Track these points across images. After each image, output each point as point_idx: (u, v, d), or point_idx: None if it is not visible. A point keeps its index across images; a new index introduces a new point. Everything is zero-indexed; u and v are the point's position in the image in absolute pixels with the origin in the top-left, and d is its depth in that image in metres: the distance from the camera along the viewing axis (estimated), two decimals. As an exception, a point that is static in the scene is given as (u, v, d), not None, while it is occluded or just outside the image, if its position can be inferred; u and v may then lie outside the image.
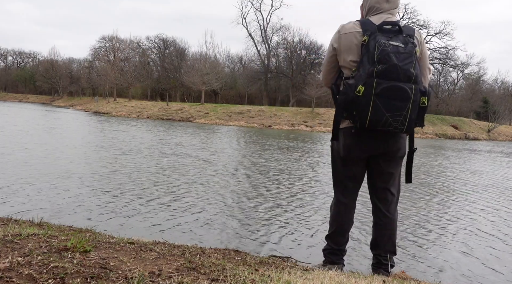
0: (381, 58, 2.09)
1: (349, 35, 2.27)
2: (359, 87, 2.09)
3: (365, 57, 2.15)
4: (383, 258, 2.45)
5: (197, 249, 2.38)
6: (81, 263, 1.55)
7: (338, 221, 2.52)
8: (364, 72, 2.12)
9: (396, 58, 2.08)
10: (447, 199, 6.42)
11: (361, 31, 2.24)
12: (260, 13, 53.61)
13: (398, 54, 2.09)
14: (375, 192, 2.49)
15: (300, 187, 6.56)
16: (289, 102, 45.90)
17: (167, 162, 8.40)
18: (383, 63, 2.08)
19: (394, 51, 2.10)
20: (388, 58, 2.08)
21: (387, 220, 2.45)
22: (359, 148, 2.34)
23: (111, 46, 51.62)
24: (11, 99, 60.06)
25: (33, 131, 13.46)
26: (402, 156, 2.41)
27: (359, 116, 2.14)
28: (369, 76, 2.09)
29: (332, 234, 2.55)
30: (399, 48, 2.11)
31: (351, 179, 2.47)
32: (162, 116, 32.07)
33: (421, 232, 4.36)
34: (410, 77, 2.10)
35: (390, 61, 2.08)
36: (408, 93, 2.09)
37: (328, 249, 2.57)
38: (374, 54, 2.10)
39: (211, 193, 5.72)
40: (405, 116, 2.11)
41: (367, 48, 2.15)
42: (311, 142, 17.44)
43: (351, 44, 2.26)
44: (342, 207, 2.51)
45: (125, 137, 13.60)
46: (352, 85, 2.15)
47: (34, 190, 5.15)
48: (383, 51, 2.09)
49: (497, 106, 39.20)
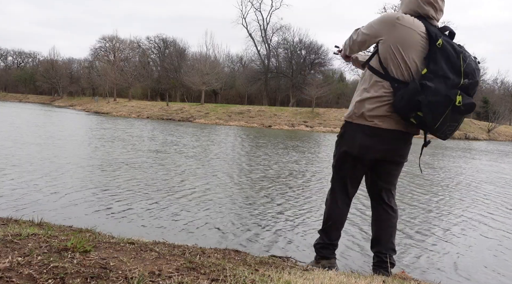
0: (468, 73, 2.06)
1: (410, 31, 2.14)
2: (458, 98, 2.02)
3: (443, 64, 2.07)
4: (384, 255, 2.43)
5: (197, 249, 2.38)
6: (81, 263, 1.55)
7: (333, 216, 2.51)
8: (446, 81, 2.06)
9: (478, 75, 2.11)
10: (447, 199, 6.42)
11: (425, 32, 2.15)
12: (260, 13, 53.82)
13: (478, 71, 2.12)
14: (378, 191, 2.49)
15: (300, 187, 6.56)
16: (289, 102, 45.91)
17: (168, 162, 8.40)
18: (469, 78, 2.06)
19: (476, 67, 2.11)
20: (474, 73, 2.08)
21: (389, 217, 2.46)
22: (376, 149, 2.28)
23: (111, 46, 51.65)
24: (11, 99, 60.05)
25: (33, 133, 13.47)
26: (405, 161, 2.44)
27: (424, 119, 2.09)
28: (453, 86, 2.05)
29: (327, 228, 2.54)
30: (477, 64, 2.13)
31: (354, 178, 2.47)
32: (162, 116, 32.07)
33: (421, 232, 4.36)
34: (475, 93, 2.16)
35: (475, 77, 2.08)
36: (473, 110, 2.16)
37: (321, 243, 2.56)
38: (461, 66, 2.05)
39: (211, 192, 5.72)
40: (456, 127, 2.16)
41: (446, 55, 2.07)
42: (311, 141, 17.43)
43: (411, 41, 2.14)
44: (339, 202, 2.50)
45: (122, 135, 13.60)
46: (432, 89, 2.05)
47: (35, 190, 5.15)
48: (470, 65, 2.07)
49: (497, 106, 39.17)
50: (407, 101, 2.10)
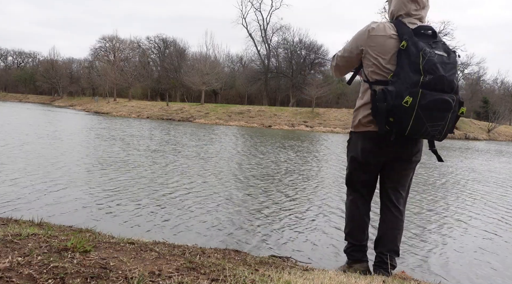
0: (428, 68, 2.03)
1: (383, 38, 2.18)
2: (407, 98, 2.00)
3: (405, 64, 2.07)
4: (385, 256, 2.41)
5: (197, 249, 2.38)
6: (81, 263, 1.55)
7: (355, 217, 2.49)
8: (406, 81, 2.04)
9: (443, 69, 2.05)
10: (448, 199, 6.42)
11: (396, 35, 2.16)
12: (260, 13, 53.78)
13: (444, 65, 2.06)
14: (386, 192, 2.47)
15: (300, 187, 6.56)
16: (289, 102, 45.89)
17: (166, 162, 8.40)
18: (430, 73, 2.03)
19: (439, 61, 2.05)
20: (435, 68, 2.03)
21: (395, 219, 2.43)
22: (378, 153, 2.30)
23: (111, 46, 51.64)
24: (11, 99, 60.05)
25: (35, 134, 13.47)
26: (419, 160, 2.39)
27: (398, 124, 2.07)
28: (413, 86, 2.03)
29: (351, 232, 2.51)
30: (444, 58, 2.07)
31: (366, 181, 2.45)
32: (162, 116, 32.07)
33: (422, 232, 4.36)
34: (453, 88, 2.09)
35: (437, 72, 2.03)
36: (451, 105, 2.06)
37: (350, 247, 2.52)
38: (419, 63, 2.03)
39: (211, 192, 5.71)
40: (444, 126, 2.10)
41: (407, 55, 2.08)
42: (311, 141, 17.43)
43: (385, 48, 2.17)
44: (359, 204, 2.48)
45: (120, 135, 13.60)
46: (393, 93, 2.05)
47: (35, 190, 5.15)
48: (429, 61, 2.04)
49: (497, 106, 39.17)
50: (375, 110, 2.15)
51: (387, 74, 2.18)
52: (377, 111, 2.13)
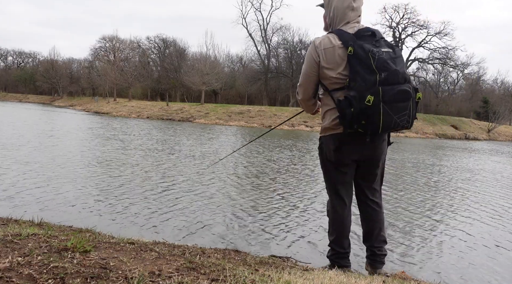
0: (381, 66, 2.13)
1: (330, 50, 2.27)
2: (368, 97, 2.10)
3: (359, 68, 2.16)
4: (377, 248, 2.52)
5: (197, 249, 2.38)
6: (81, 263, 1.55)
7: (338, 225, 2.54)
8: (365, 82, 2.13)
9: (394, 64, 2.16)
10: (447, 199, 6.42)
11: (341, 43, 2.25)
12: (260, 13, 53.66)
13: (393, 60, 2.18)
14: (363, 191, 2.56)
15: (300, 187, 6.56)
16: (289, 102, 45.90)
17: (166, 161, 8.40)
18: (383, 71, 2.13)
19: (388, 57, 2.17)
20: (387, 65, 2.14)
21: (375, 213, 2.53)
22: (348, 152, 2.37)
23: (111, 46, 51.61)
24: (11, 99, 60.08)
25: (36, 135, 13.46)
26: (384, 159, 2.49)
27: (370, 124, 2.16)
28: (372, 85, 2.12)
29: (336, 239, 2.56)
30: (390, 54, 2.20)
31: (343, 183, 2.50)
32: (162, 116, 32.07)
33: (422, 232, 4.36)
34: (406, 79, 2.21)
35: (389, 67, 2.14)
36: (410, 94, 2.18)
37: (335, 254, 2.57)
38: (372, 64, 2.13)
39: (210, 192, 5.72)
40: (409, 114, 2.20)
41: (358, 59, 2.17)
42: (311, 141, 17.44)
43: (335, 58, 2.26)
44: (338, 209, 2.52)
45: (120, 135, 13.61)
46: (357, 97, 2.14)
47: (35, 190, 5.15)
48: (380, 59, 2.14)
49: (497, 107, 39.17)
50: (342, 117, 2.20)
51: (343, 81, 2.26)
52: (345, 117, 2.19)
